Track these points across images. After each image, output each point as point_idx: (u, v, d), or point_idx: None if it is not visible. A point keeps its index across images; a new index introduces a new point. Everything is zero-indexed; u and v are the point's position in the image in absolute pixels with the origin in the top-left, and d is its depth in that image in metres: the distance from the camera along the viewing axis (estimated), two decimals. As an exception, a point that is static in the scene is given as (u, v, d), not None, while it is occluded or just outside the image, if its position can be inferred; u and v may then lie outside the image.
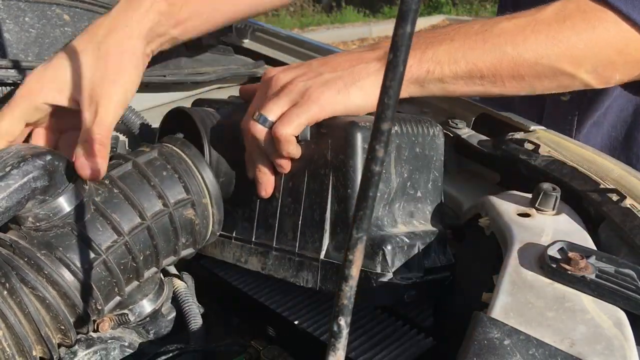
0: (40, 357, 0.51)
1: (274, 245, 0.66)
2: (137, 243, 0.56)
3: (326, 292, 0.61)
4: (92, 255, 0.53)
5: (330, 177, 0.61)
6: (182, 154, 0.61)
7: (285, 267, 0.64)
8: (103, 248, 0.53)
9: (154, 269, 0.59)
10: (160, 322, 0.64)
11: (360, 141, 0.58)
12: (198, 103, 0.75)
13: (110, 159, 0.60)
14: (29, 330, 0.49)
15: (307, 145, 0.62)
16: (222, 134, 0.67)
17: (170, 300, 0.65)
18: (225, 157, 0.67)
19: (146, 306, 0.62)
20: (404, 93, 0.67)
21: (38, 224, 0.52)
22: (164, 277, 0.67)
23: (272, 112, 0.61)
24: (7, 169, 0.50)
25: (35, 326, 0.49)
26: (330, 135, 0.61)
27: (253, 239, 0.68)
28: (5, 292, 0.49)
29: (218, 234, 0.64)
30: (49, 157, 0.52)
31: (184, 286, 0.67)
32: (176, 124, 0.69)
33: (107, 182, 0.57)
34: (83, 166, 0.55)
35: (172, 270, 0.69)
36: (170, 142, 0.62)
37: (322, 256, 0.61)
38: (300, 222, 0.63)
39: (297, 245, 0.63)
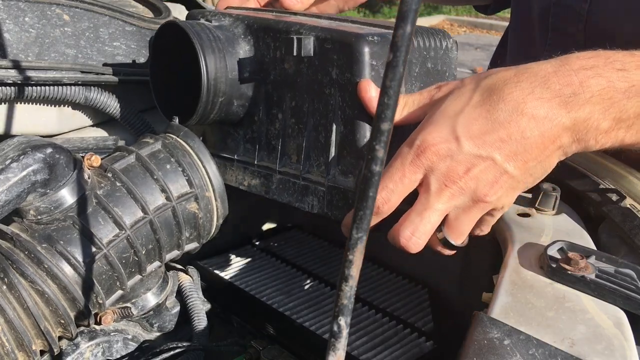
0: (40, 350, 0.51)
1: (278, 168, 0.63)
2: (139, 237, 0.56)
3: (332, 218, 0.58)
4: (93, 249, 0.53)
5: (336, 97, 0.57)
6: (186, 146, 0.60)
7: (290, 191, 0.62)
8: (104, 242, 0.53)
9: (157, 263, 0.59)
10: (165, 316, 0.63)
11: (367, 57, 0.54)
12: (193, 16, 0.69)
13: (114, 151, 0.61)
14: (28, 325, 0.50)
15: (311, 61, 0.58)
16: (220, 49, 0.62)
17: (175, 294, 0.65)
18: (224, 74, 0.62)
19: (150, 300, 0.61)
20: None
21: (39, 217, 0.52)
22: (169, 271, 0.66)
23: (435, 219, 0.51)
24: (7, 162, 0.50)
25: (34, 320, 0.49)
26: (335, 50, 0.56)
27: (256, 162, 0.65)
28: (5, 287, 0.49)
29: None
30: (49, 150, 0.52)
31: (189, 280, 0.67)
32: (170, 39, 0.64)
33: (109, 175, 0.56)
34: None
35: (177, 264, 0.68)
36: (174, 132, 0.61)
37: (328, 181, 0.58)
38: (304, 145, 0.60)
39: (302, 168, 0.61)
